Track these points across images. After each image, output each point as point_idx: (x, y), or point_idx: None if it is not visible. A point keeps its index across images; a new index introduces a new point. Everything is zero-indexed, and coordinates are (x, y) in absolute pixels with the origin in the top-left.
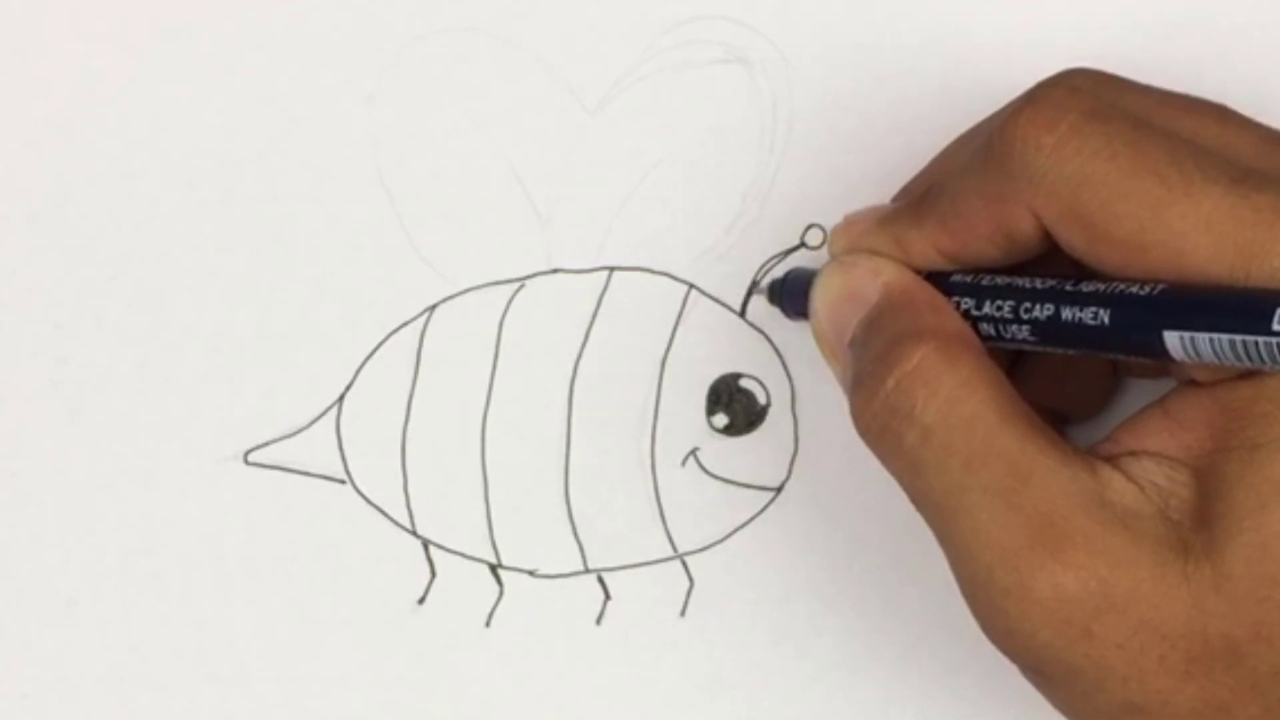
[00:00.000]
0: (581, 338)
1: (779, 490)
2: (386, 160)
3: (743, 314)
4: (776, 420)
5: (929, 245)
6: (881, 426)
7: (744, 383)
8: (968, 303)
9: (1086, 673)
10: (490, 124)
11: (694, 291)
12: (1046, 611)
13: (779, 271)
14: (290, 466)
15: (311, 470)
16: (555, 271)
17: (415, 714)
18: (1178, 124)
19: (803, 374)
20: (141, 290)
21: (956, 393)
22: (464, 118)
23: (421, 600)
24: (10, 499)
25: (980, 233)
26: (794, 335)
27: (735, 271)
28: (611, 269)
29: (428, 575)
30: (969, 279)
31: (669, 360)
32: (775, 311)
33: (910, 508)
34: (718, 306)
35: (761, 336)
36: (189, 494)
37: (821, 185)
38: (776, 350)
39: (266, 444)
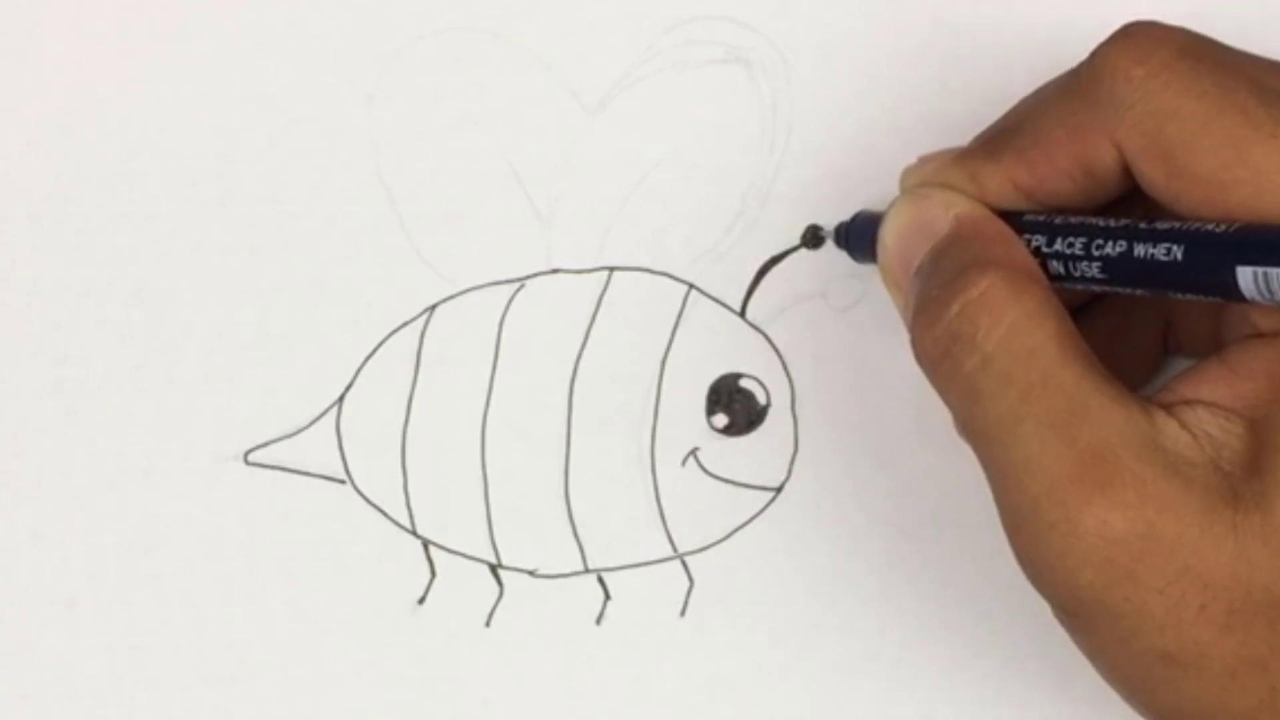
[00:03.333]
0: (581, 338)
1: (779, 490)
2: (386, 160)
3: (743, 314)
4: (776, 420)
5: (1005, 179)
6: (942, 351)
7: (744, 383)
8: (1039, 240)
9: (1124, 617)
10: (490, 124)
11: (694, 291)
12: (1090, 549)
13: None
14: (290, 466)
15: (311, 470)
16: (555, 271)
17: (415, 714)
18: (1265, 78)
19: (803, 374)
20: (141, 290)
21: (1021, 323)
22: (464, 118)
23: (421, 600)
24: (10, 499)
25: (1060, 166)
26: (794, 335)
27: (735, 271)
28: (611, 269)
29: (428, 575)
30: (1042, 217)
31: (669, 360)
32: (775, 311)
33: (910, 510)
34: (718, 306)
35: (761, 336)
36: (189, 494)
37: (821, 185)
38: (776, 350)
39: (266, 444)
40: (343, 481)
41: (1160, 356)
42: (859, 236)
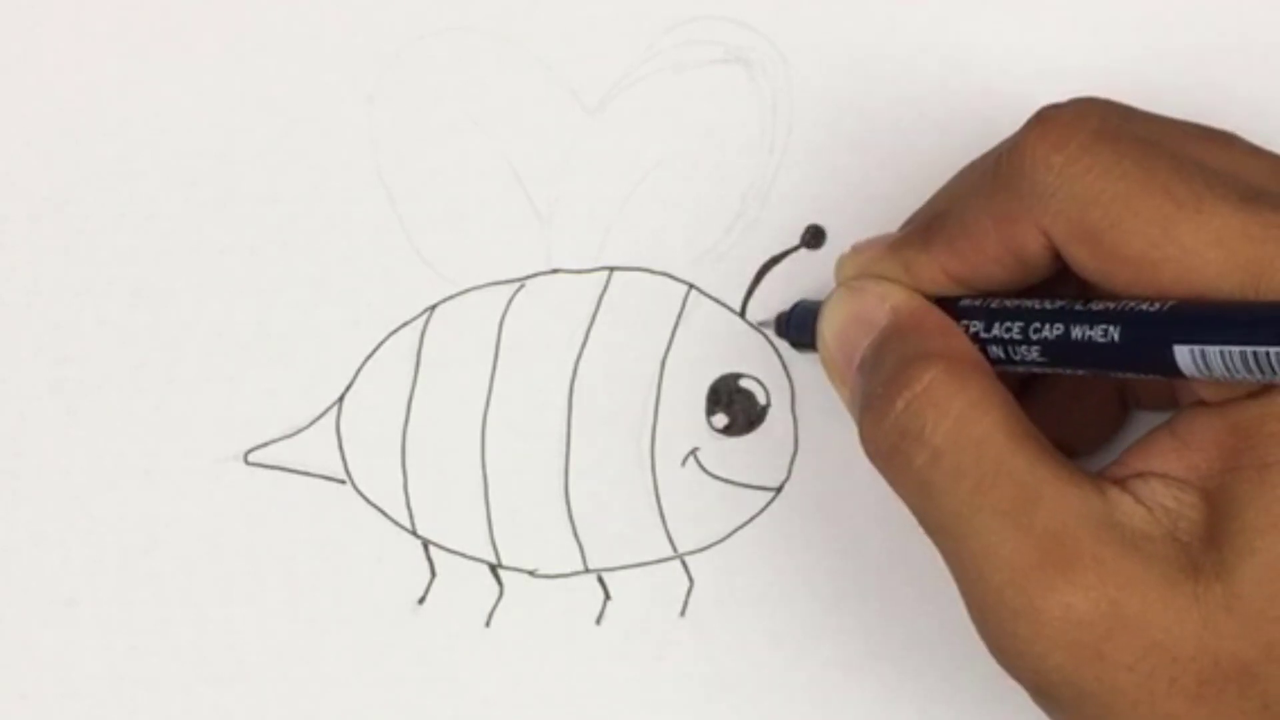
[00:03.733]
0: (581, 338)
1: (779, 490)
2: (386, 160)
3: (743, 314)
4: (776, 420)
5: (937, 269)
6: (891, 448)
7: (744, 383)
8: (976, 325)
9: (1097, 696)
10: (490, 124)
11: (694, 291)
12: (1056, 633)
13: (785, 305)
14: (290, 466)
15: (311, 470)
16: (555, 271)
17: (415, 714)
18: (1186, 148)
19: (803, 374)
20: (141, 290)
21: (966, 414)
22: (464, 118)
23: (421, 600)
24: (10, 499)
25: (989, 254)
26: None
27: (735, 271)
28: (611, 269)
29: (428, 575)
30: (977, 303)
31: (669, 360)
32: (775, 311)
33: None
34: (718, 306)
35: (761, 336)
36: (189, 494)
37: (821, 185)
38: (776, 350)
39: (266, 444)
40: (343, 481)
41: (1121, 412)
42: (798, 327)
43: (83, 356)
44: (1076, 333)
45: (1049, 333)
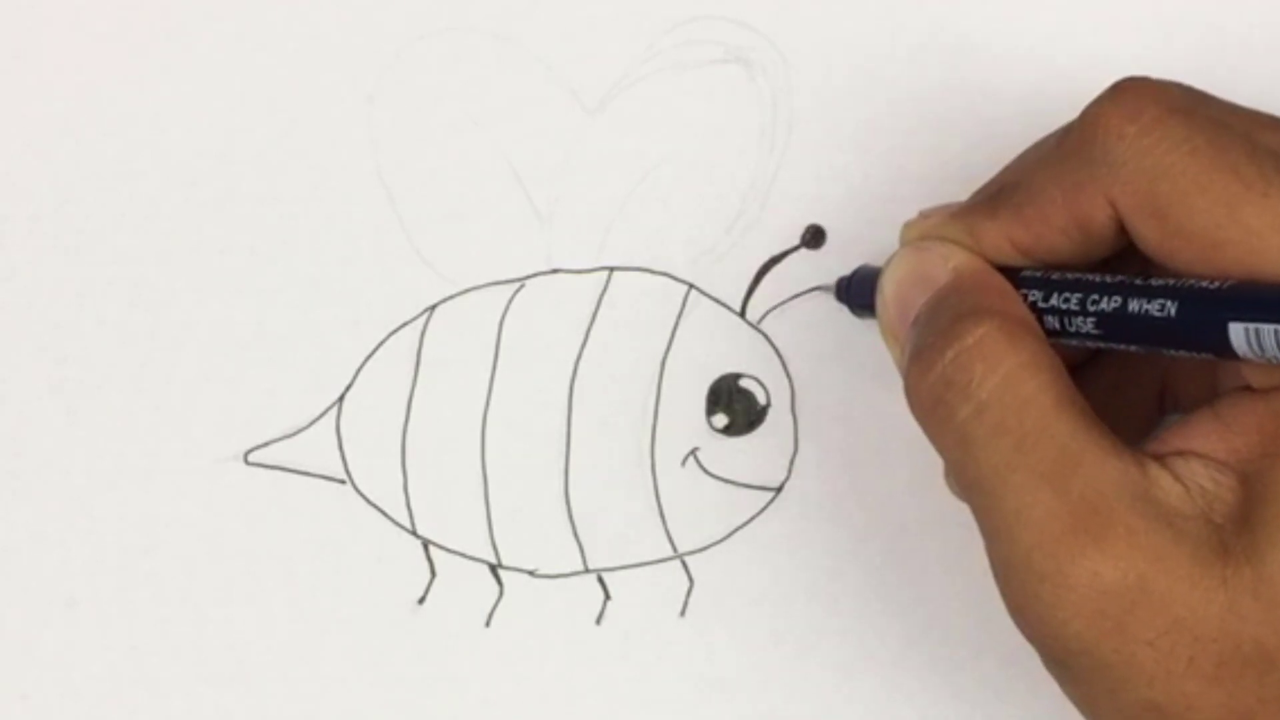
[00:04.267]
0: (581, 338)
1: (779, 490)
2: (386, 160)
3: (743, 314)
4: (776, 420)
5: (1002, 237)
6: (935, 399)
7: (744, 383)
8: (1035, 294)
9: (1113, 668)
10: (490, 124)
11: (694, 291)
12: (1080, 600)
13: (846, 269)
14: (290, 466)
15: (311, 470)
16: (555, 271)
17: (415, 714)
18: (1257, 135)
19: (803, 374)
20: (141, 290)
21: (1015, 373)
22: (464, 118)
23: (421, 600)
24: (10, 499)
25: (1055, 223)
26: (794, 335)
27: (735, 271)
28: (611, 269)
29: (428, 575)
30: (1039, 273)
31: (669, 360)
32: (775, 311)
33: (910, 509)
34: (718, 306)
35: (761, 336)
36: (189, 494)
37: (821, 185)
38: (776, 350)
39: (266, 444)
40: (343, 481)
41: (1156, 415)
42: (859, 290)
43: (83, 356)
44: (1134, 306)
45: (1106, 305)
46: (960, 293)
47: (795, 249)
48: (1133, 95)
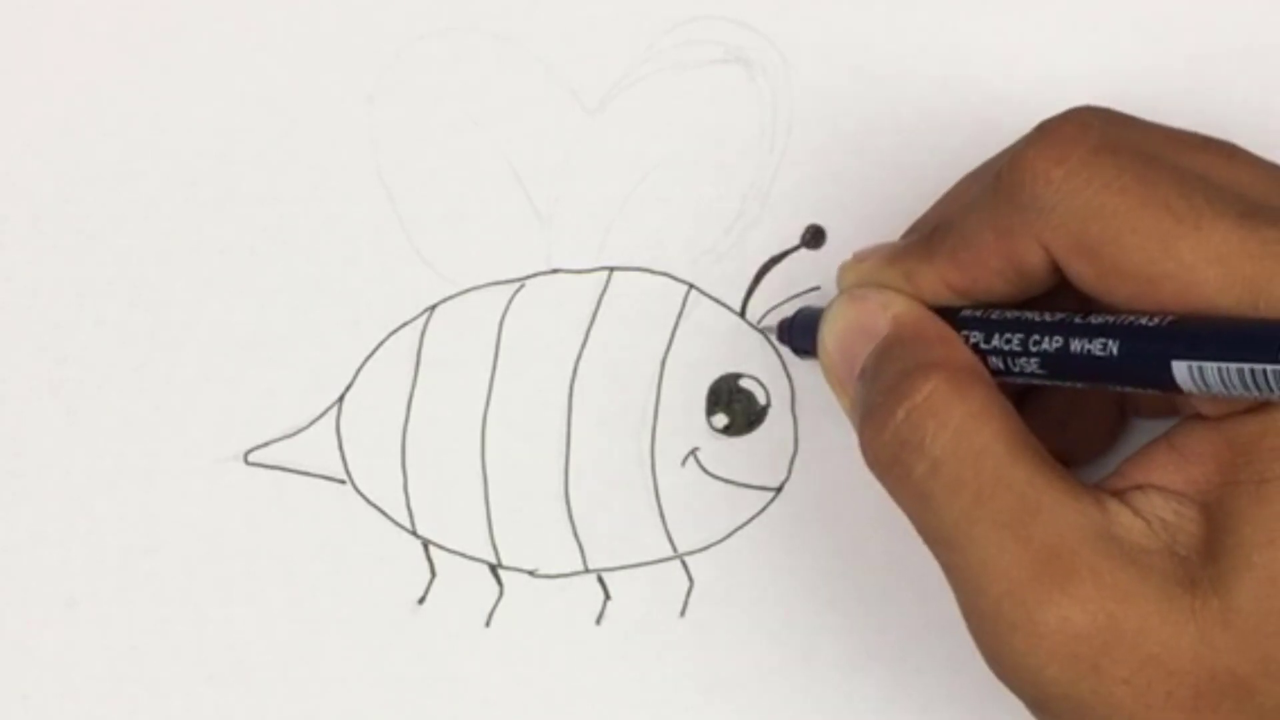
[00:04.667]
0: (581, 338)
1: (779, 490)
2: (386, 160)
3: (743, 314)
4: (776, 420)
5: (939, 280)
6: (891, 458)
7: (744, 383)
8: (977, 336)
9: (1093, 709)
10: (490, 124)
11: (694, 291)
12: (1053, 646)
13: (788, 311)
14: (290, 466)
15: (311, 470)
16: (555, 271)
17: (415, 714)
18: (1186, 160)
19: (803, 374)
20: (141, 290)
21: (966, 424)
22: (464, 118)
23: (421, 600)
24: (10, 499)
25: (990, 266)
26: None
27: (735, 271)
28: (611, 269)
29: (428, 575)
30: (978, 314)
31: (669, 360)
32: (775, 316)
33: None
34: (718, 306)
35: (761, 336)
36: (189, 494)
37: (821, 185)
38: (776, 350)
39: (266, 444)
40: (343, 481)
41: (1120, 421)
42: (800, 334)
43: (83, 356)
44: (1076, 346)
45: (1048, 345)
46: (903, 344)
47: (795, 249)
48: (1057, 137)
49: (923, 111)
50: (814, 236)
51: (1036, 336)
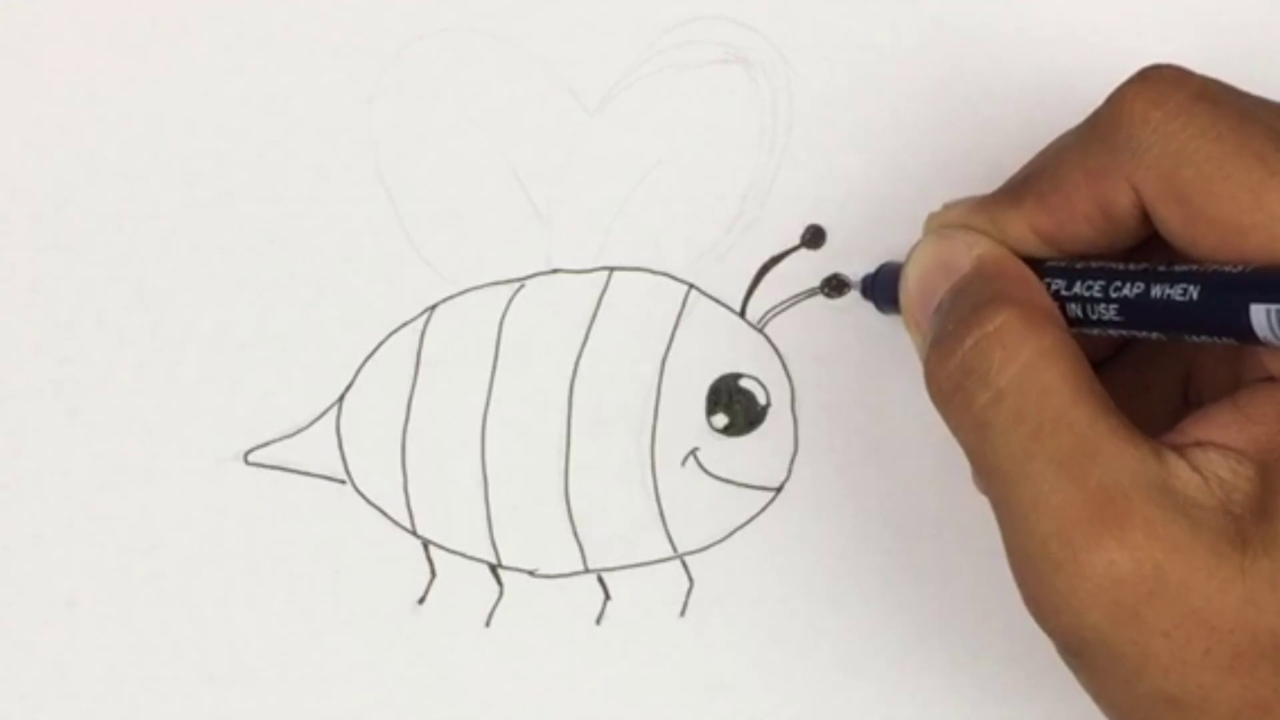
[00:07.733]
0: (581, 338)
1: (779, 490)
2: (386, 160)
3: (743, 314)
4: (776, 420)
5: (1025, 226)
6: (954, 386)
7: (744, 383)
8: (1059, 284)
9: (1128, 658)
10: (490, 124)
11: (694, 291)
12: (1097, 590)
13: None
14: (290, 466)
15: (311, 470)
16: (555, 271)
17: (415, 714)
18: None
19: (803, 374)
20: (141, 290)
21: (1035, 360)
22: (464, 118)
23: (421, 600)
24: (10, 499)
25: (1079, 209)
26: (794, 335)
27: (735, 271)
28: (611, 269)
29: (428, 575)
30: (1062, 263)
31: (669, 360)
32: (775, 311)
33: (910, 510)
34: (718, 306)
35: (761, 336)
36: (189, 494)
37: (821, 185)
38: (776, 350)
39: (266, 444)
40: (343, 481)
41: (1180, 409)
42: (884, 286)
43: (83, 356)
44: (1156, 291)
45: (1129, 291)
46: (982, 280)
47: (795, 249)
48: (1158, 81)
49: (923, 111)
50: (814, 236)
51: (1118, 283)
